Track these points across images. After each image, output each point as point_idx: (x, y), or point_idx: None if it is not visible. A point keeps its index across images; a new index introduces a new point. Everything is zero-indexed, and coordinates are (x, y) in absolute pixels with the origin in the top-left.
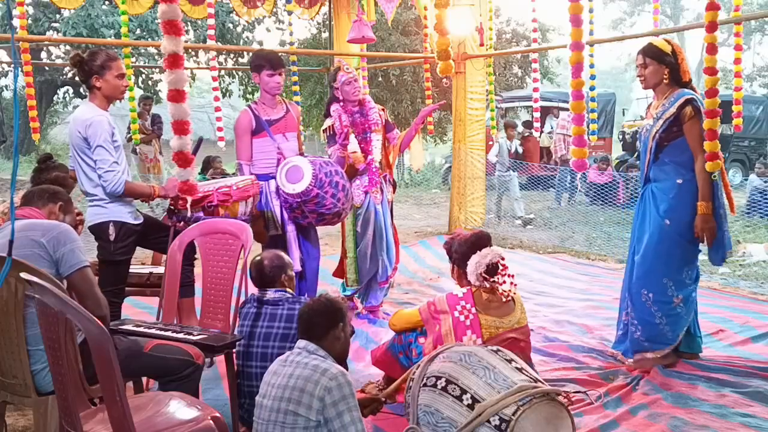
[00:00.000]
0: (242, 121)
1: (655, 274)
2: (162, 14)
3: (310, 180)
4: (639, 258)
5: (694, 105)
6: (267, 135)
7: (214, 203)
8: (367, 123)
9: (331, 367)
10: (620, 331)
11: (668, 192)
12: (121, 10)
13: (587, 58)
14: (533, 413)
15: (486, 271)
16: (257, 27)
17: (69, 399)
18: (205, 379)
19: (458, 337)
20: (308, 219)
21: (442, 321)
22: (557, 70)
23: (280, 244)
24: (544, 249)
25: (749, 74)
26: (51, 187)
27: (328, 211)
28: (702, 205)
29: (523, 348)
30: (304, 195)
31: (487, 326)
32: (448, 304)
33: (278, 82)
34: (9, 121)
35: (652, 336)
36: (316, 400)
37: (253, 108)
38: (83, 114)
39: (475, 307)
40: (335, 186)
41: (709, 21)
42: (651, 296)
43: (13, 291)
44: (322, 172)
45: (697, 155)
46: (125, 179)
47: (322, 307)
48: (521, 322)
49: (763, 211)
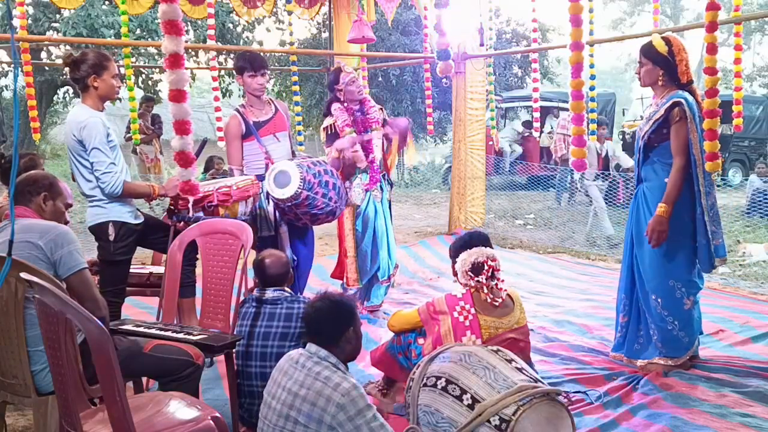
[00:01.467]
0: (231, 127)
1: (660, 277)
2: (162, 14)
3: (299, 183)
4: (644, 262)
5: (680, 108)
6: (255, 139)
7: (214, 203)
8: (368, 121)
9: (344, 381)
10: (618, 333)
11: (656, 192)
12: (121, 10)
13: (587, 58)
14: (533, 413)
15: (471, 270)
16: (257, 27)
17: (69, 399)
18: (205, 379)
19: (458, 337)
20: (302, 221)
21: (441, 322)
22: (557, 70)
23: (272, 245)
24: (544, 249)
25: (749, 74)
26: (27, 178)
27: (320, 211)
28: (661, 207)
29: (522, 348)
30: (294, 199)
31: (486, 327)
32: (447, 305)
33: (260, 83)
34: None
35: (668, 342)
36: (327, 416)
37: (241, 111)
38: (77, 116)
39: (474, 307)
40: (325, 185)
41: (709, 21)
42: (660, 301)
43: (13, 291)
44: (309, 174)
45: (675, 157)
46: (124, 179)
47: (330, 309)
48: (520, 322)
49: (763, 211)
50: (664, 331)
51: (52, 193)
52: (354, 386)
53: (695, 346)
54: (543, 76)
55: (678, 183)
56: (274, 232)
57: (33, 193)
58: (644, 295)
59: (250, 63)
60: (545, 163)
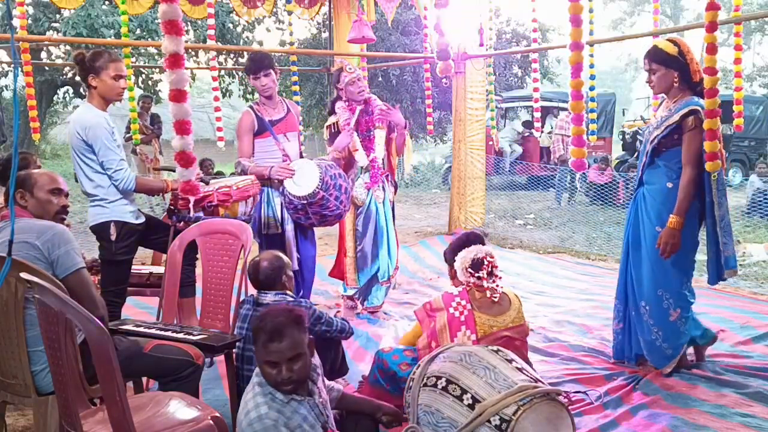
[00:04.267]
0: (244, 122)
1: (650, 284)
2: (162, 14)
3: (317, 183)
4: (638, 267)
5: (697, 116)
6: (270, 135)
7: (214, 203)
8: (371, 121)
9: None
10: (615, 341)
11: (657, 196)
12: (121, 10)
13: (587, 58)
14: (533, 413)
15: (471, 266)
16: (257, 27)
17: (69, 399)
18: (205, 379)
19: (452, 332)
20: (311, 220)
21: (437, 318)
22: (557, 70)
23: (279, 243)
24: (544, 249)
25: (749, 74)
26: None
27: (330, 213)
28: (673, 219)
29: (518, 347)
30: (310, 198)
31: (481, 324)
32: (443, 302)
33: (264, 84)
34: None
35: (652, 352)
36: None
37: (255, 108)
38: (82, 116)
39: (470, 303)
40: (339, 189)
41: (709, 21)
42: (648, 309)
43: (13, 291)
44: (327, 175)
45: (686, 167)
46: (135, 175)
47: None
48: (516, 321)
49: (763, 211)
50: (648, 341)
51: (26, 187)
52: (259, 418)
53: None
54: (543, 76)
55: (689, 194)
56: (281, 230)
57: (16, 194)
58: (634, 300)
59: (252, 65)
60: (545, 163)
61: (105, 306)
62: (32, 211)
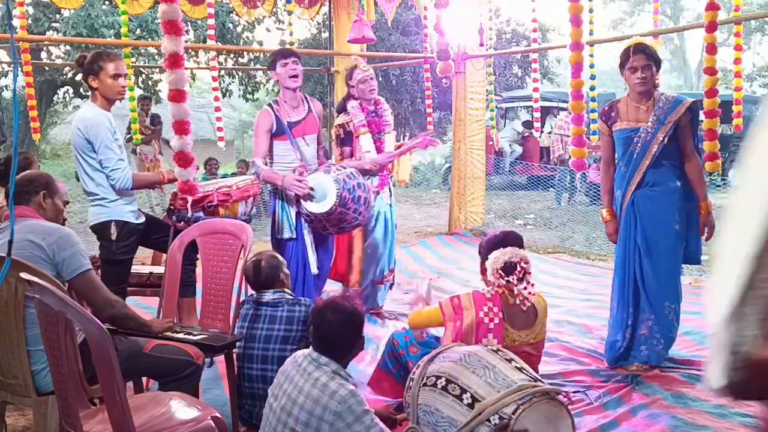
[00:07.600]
0: (262, 122)
1: (672, 281)
2: (162, 14)
3: (335, 201)
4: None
5: (692, 108)
6: (287, 138)
7: (214, 203)
8: (382, 123)
9: (340, 388)
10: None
11: (668, 196)
12: (121, 10)
13: (587, 58)
14: (533, 412)
15: (503, 268)
16: (257, 27)
17: (69, 399)
18: (205, 379)
19: (478, 337)
20: (329, 231)
21: (464, 316)
22: (557, 70)
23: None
24: (544, 249)
25: (749, 74)
26: (24, 178)
27: (349, 225)
28: (705, 204)
29: (533, 362)
30: (328, 214)
31: (506, 336)
32: (474, 301)
33: (293, 69)
34: (9, 121)
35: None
36: (325, 425)
37: (274, 108)
38: (84, 115)
39: (501, 311)
40: (357, 201)
41: (709, 21)
42: (674, 307)
43: (13, 291)
44: (345, 190)
45: (692, 156)
46: (132, 173)
47: (343, 323)
48: (538, 337)
49: None
50: (670, 338)
51: (50, 191)
52: (351, 393)
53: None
54: (543, 76)
55: (704, 177)
56: (296, 236)
57: (32, 193)
58: (651, 305)
59: (280, 51)
60: (545, 163)
61: (122, 301)
62: (48, 215)
